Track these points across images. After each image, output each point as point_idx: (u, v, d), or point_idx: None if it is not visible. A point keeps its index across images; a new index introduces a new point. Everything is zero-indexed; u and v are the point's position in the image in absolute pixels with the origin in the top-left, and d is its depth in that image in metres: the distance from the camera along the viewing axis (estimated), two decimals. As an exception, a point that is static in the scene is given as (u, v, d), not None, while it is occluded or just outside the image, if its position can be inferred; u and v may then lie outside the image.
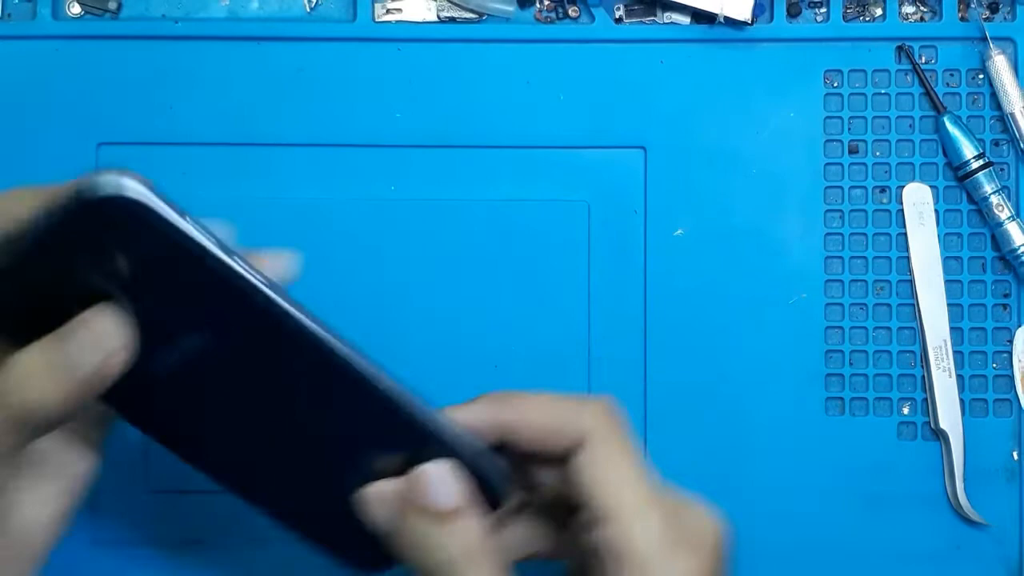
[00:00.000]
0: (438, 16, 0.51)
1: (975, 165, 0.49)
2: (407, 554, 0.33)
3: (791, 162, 0.50)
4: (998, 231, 0.49)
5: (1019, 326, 0.50)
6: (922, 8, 0.51)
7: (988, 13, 0.50)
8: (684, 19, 0.50)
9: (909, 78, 0.50)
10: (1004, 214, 0.49)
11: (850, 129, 0.50)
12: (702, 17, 0.50)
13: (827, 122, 0.50)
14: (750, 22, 0.49)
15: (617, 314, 0.50)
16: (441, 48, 0.50)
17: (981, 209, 0.49)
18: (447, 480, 0.33)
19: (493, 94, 0.50)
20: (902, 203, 0.50)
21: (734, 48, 0.50)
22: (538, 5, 0.51)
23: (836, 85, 0.50)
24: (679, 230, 0.50)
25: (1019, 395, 0.49)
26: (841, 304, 0.50)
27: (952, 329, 0.49)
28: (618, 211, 0.50)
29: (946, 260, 0.50)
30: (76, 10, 0.50)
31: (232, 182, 0.49)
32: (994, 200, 0.49)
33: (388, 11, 0.50)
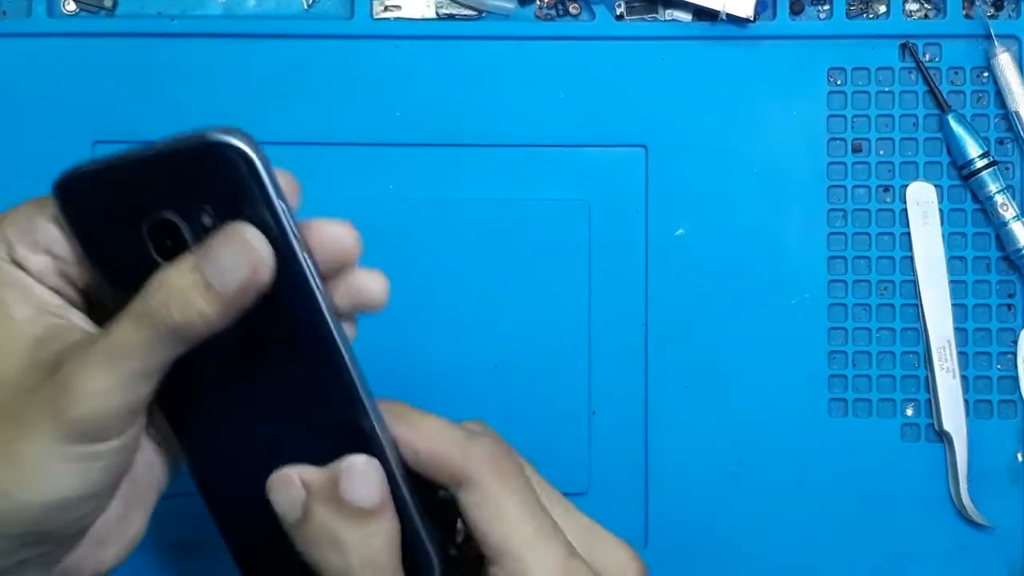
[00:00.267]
0: (437, 13, 0.50)
1: (979, 164, 0.49)
2: (309, 552, 0.30)
3: (794, 161, 0.50)
4: (1003, 231, 0.49)
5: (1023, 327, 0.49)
6: (926, 5, 0.50)
7: (992, 10, 0.50)
8: (686, 16, 0.50)
9: (913, 76, 0.50)
10: (1009, 213, 0.49)
11: (853, 127, 0.50)
12: (704, 14, 0.50)
13: (830, 120, 0.50)
14: (752, 19, 0.49)
15: (617, 314, 0.49)
16: (440, 45, 0.50)
17: (986, 208, 0.49)
18: (372, 476, 0.30)
19: (493, 92, 0.50)
20: (906, 202, 0.49)
21: (736, 46, 0.50)
22: (538, 2, 0.50)
23: (839, 83, 0.50)
24: (680, 230, 0.49)
25: (1023, 396, 0.49)
26: (844, 304, 0.49)
27: (956, 330, 0.49)
28: (618, 211, 0.49)
29: (950, 260, 0.49)
30: (71, 7, 0.50)
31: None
32: (999, 199, 0.49)
33: (386, 8, 0.50)
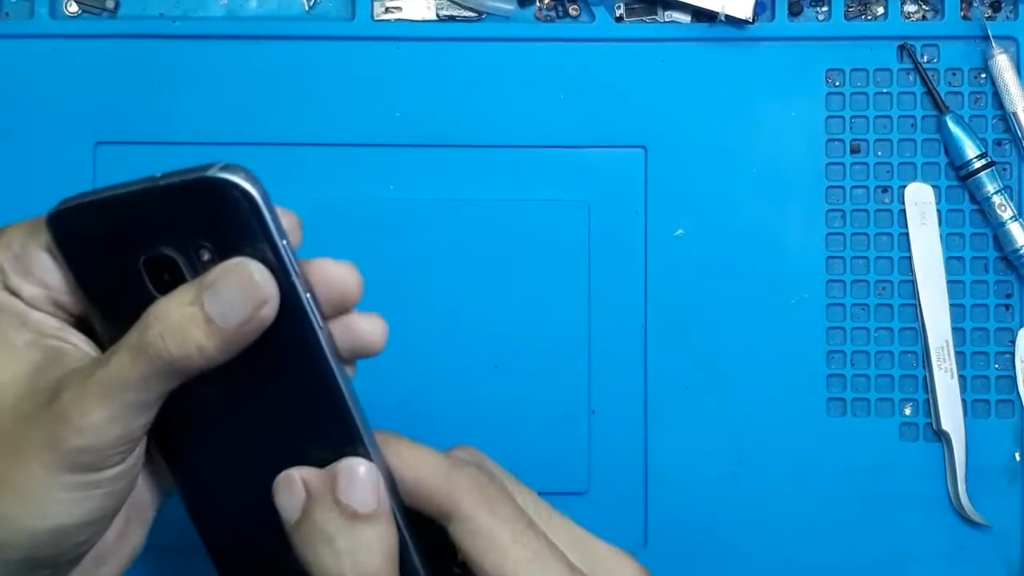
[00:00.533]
0: (437, 15, 0.50)
1: (977, 165, 0.49)
2: (306, 554, 0.30)
3: (792, 162, 0.50)
4: (1000, 231, 0.49)
5: (1021, 327, 0.49)
6: (924, 7, 0.51)
7: (990, 12, 0.50)
8: (685, 18, 0.50)
9: (911, 77, 0.50)
10: (1007, 214, 0.49)
11: (852, 128, 0.50)
12: (703, 16, 0.50)
13: (829, 121, 0.50)
14: (751, 21, 0.49)
15: (617, 314, 0.49)
16: (440, 47, 0.50)
17: (983, 209, 0.49)
18: (371, 479, 0.30)
19: (493, 93, 0.50)
20: (904, 203, 0.50)
21: (735, 47, 0.50)
22: (538, 4, 0.50)
23: (838, 84, 0.50)
24: (679, 230, 0.50)
25: (1021, 396, 0.49)
26: (843, 304, 0.49)
27: (954, 330, 0.49)
28: (618, 211, 0.50)
29: (948, 260, 0.49)
30: (74, 9, 0.50)
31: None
32: (996, 200, 0.49)
33: (387, 10, 0.50)
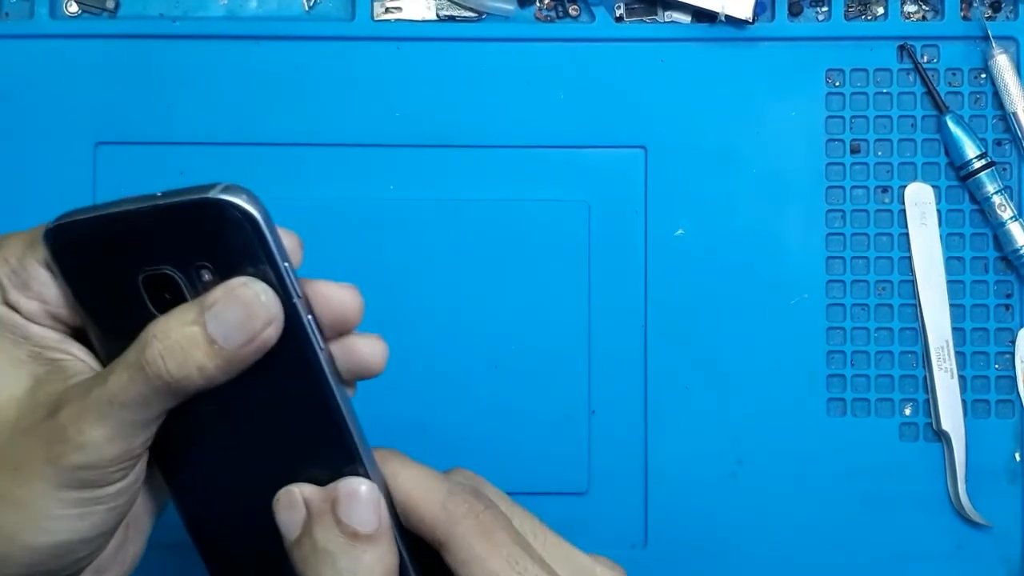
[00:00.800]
0: (437, 15, 0.50)
1: (977, 165, 0.49)
2: (306, 572, 0.30)
3: (792, 162, 0.50)
4: (1000, 231, 0.49)
5: (1021, 327, 0.49)
6: (924, 7, 0.51)
7: (990, 12, 0.50)
8: (685, 18, 0.50)
9: (911, 77, 0.50)
10: (1007, 214, 0.49)
11: (852, 128, 0.50)
12: (703, 16, 0.50)
13: (829, 121, 0.50)
14: (751, 21, 0.49)
15: (617, 314, 0.49)
16: (441, 47, 0.50)
17: (983, 209, 0.49)
18: (371, 500, 0.30)
19: (493, 93, 0.50)
20: (904, 203, 0.50)
21: (735, 47, 0.50)
22: (538, 4, 0.50)
23: (838, 84, 0.50)
24: (679, 230, 0.50)
25: (1021, 396, 0.49)
26: (843, 305, 0.49)
27: (954, 330, 0.49)
28: (618, 211, 0.50)
29: (948, 260, 0.49)
30: (74, 9, 0.50)
31: (230, 182, 0.49)
32: (996, 200, 0.49)
33: (387, 10, 0.50)
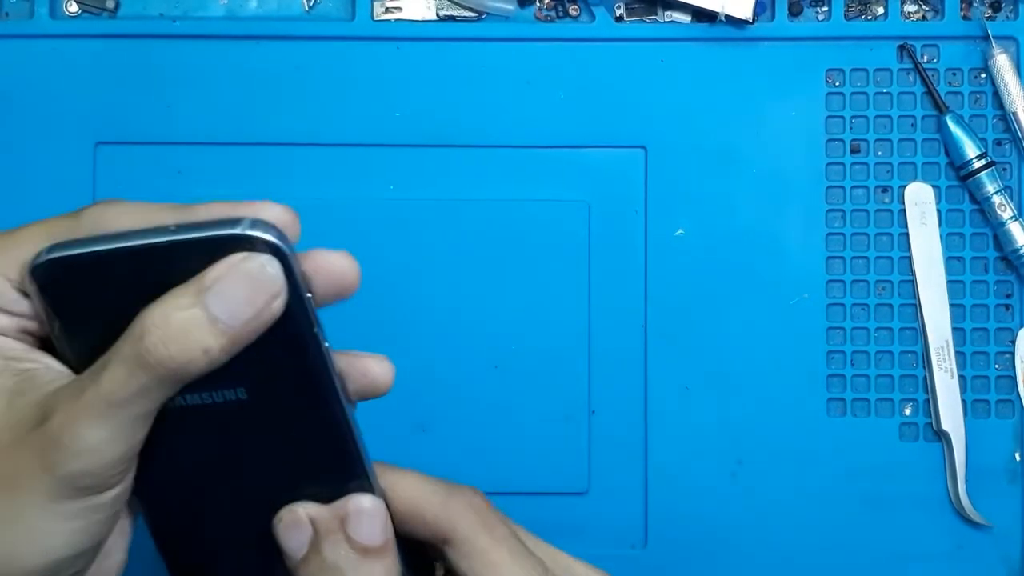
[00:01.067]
0: (437, 15, 0.50)
1: (977, 165, 0.49)
2: None
3: (792, 161, 0.50)
4: (1000, 231, 0.49)
5: (1021, 327, 0.49)
6: (924, 7, 0.51)
7: (990, 12, 0.50)
8: (685, 18, 0.50)
9: (911, 77, 0.50)
10: (1007, 214, 0.49)
11: (852, 128, 0.50)
12: (703, 15, 0.50)
13: (829, 121, 0.50)
14: (751, 21, 0.49)
15: (617, 314, 0.49)
16: (440, 47, 0.50)
17: (983, 209, 0.49)
18: (379, 515, 0.31)
19: (493, 93, 0.50)
20: (904, 203, 0.50)
21: (735, 47, 0.50)
22: (538, 4, 0.50)
23: (838, 84, 0.50)
24: (679, 230, 0.50)
25: (1021, 396, 0.49)
26: (843, 304, 0.49)
27: (954, 330, 0.49)
28: (618, 211, 0.50)
29: (948, 260, 0.49)
30: (74, 9, 0.50)
31: (230, 182, 0.49)
32: (996, 200, 0.49)
33: (387, 10, 0.50)
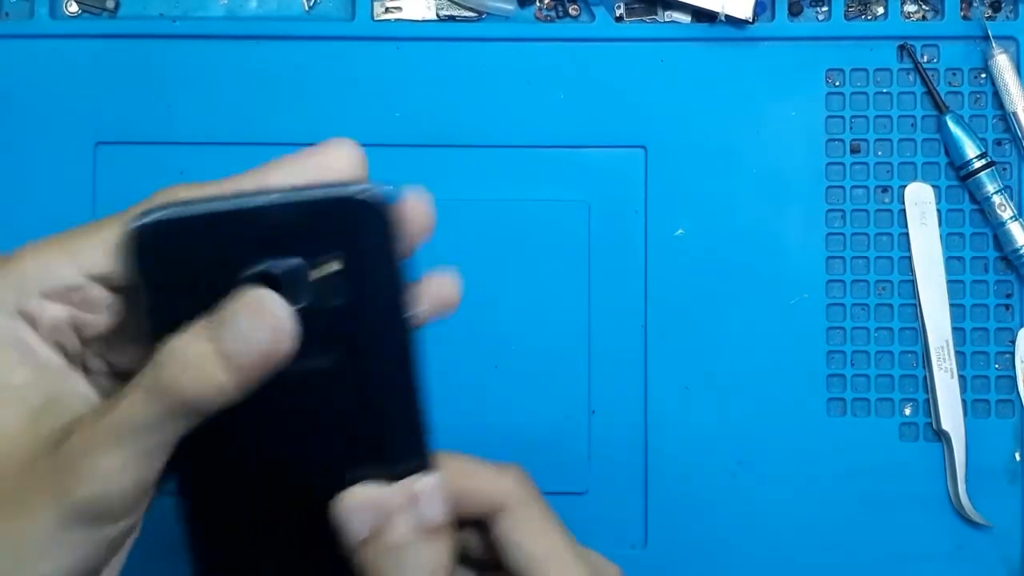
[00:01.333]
0: (437, 15, 0.50)
1: (977, 165, 0.49)
2: (376, 568, 0.31)
3: (792, 161, 0.50)
4: (1000, 231, 0.49)
5: (1021, 327, 0.49)
6: (924, 7, 0.51)
7: (990, 12, 0.50)
8: (685, 18, 0.50)
9: (911, 77, 0.50)
10: (1007, 214, 0.49)
11: (852, 128, 0.50)
12: (703, 15, 0.50)
13: (829, 121, 0.50)
14: (751, 21, 0.49)
15: (617, 314, 0.49)
16: (440, 47, 0.50)
17: (983, 209, 0.49)
18: (440, 494, 0.31)
19: (493, 93, 0.50)
20: (904, 203, 0.50)
21: (735, 47, 0.50)
22: (538, 4, 0.50)
23: (838, 84, 0.50)
24: (679, 230, 0.50)
25: (1021, 396, 0.49)
26: (843, 304, 0.49)
27: (954, 330, 0.49)
28: (618, 211, 0.50)
29: (948, 260, 0.49)
30: (74, 9, 0.50)
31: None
32: (996, 200, 0.49)
33: (387, 10, 0.50)
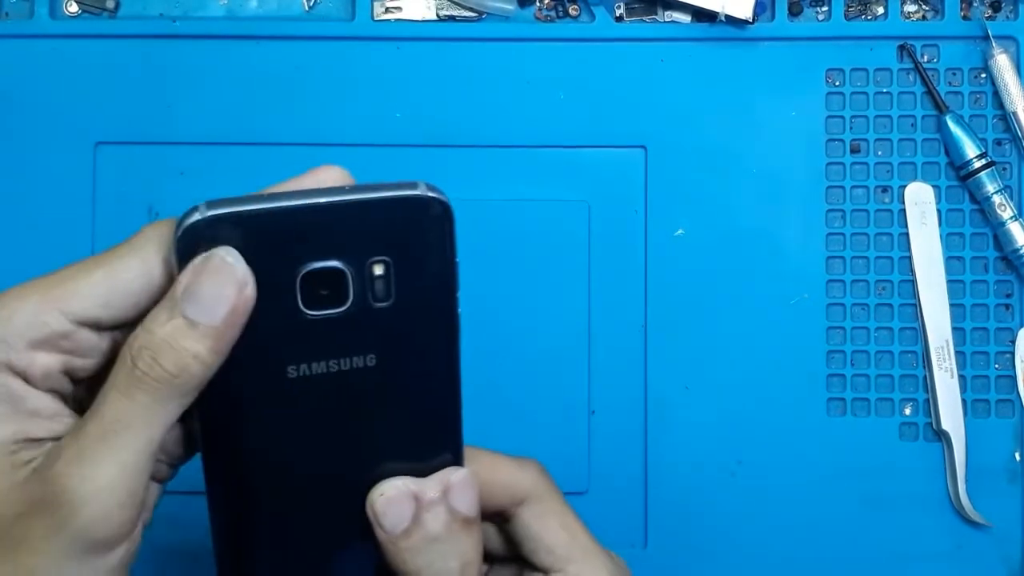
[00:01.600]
0: (437, 15, 0.50)
1: (977, 164, 0.49)
2: (412, 560, 0.32)
3: (792, 161, 0.50)
4: (1000, 231, 0.49)
5: (1021, 326, 0.49)
6: (924, 7, 0.51)
7: (990, 12, 0.50)
8: (685, 17, 0.50)
9: (911, 77, 0.50)
10: (1007, 214, 0.49)
11: (852, 128, 0.50)
12: (703, 15, 0.50)
13: (829, 121, 0.50)
14: (751, 20, 0.49)
15: (617, 314, 0.49)
16: (441, 47, 0.50)
17: (983, 209, 0.49)
18: (474, 487, 0.32)
19: (493, 93, 0.50)
20: (904, 203, 0.50)
21: (735, 47, 0.50)
22: (538, 4, 0.50)
23: (838, 84, 0.50)
24: (679, 230, 0.50)
25: (1021, 396, 0.49)
26: (843, 304, 0.49)
27: (954, 329, 0.49)
28: (618, 211, 0.50)
29: (948, 260, 0.49)
30: (74, 9, 0.50)
31: (230, 182, 0.49)
32: (996, 200, 0.49)
33: (387, 10, 0.50)
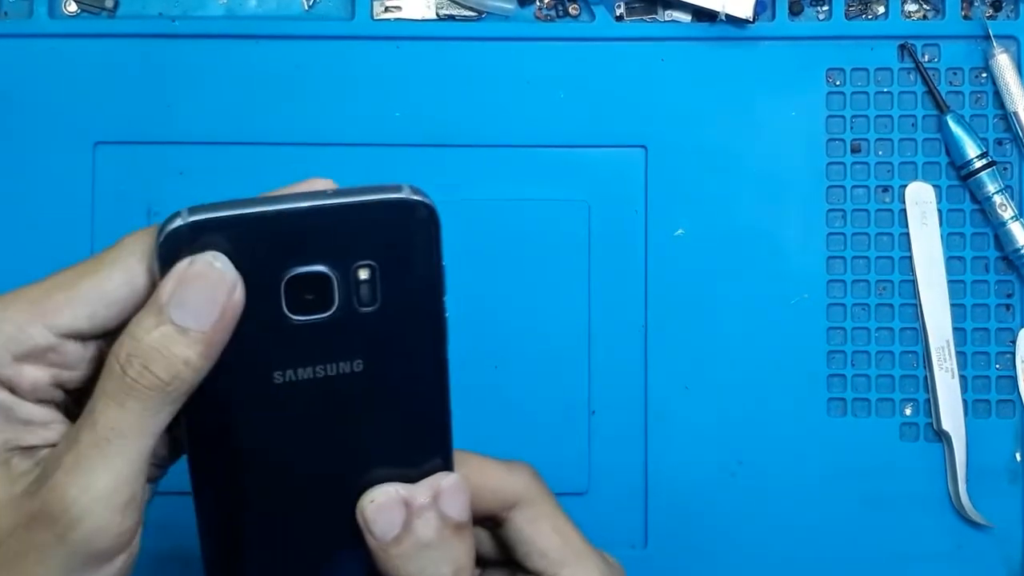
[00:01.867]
0: (437, 14, 0.50)
1: (978, 164, 0.49)
2: (404, 567, 0.31)
3: (793, 161, 0.50)
4: (1001, 231, 0.49)
5: (1022, 327, 0.49)
6: (925, 6, 0.51)
7: (991, 11, 0.50)
8: (685, 17, 0.50)
9: (912, 76, 0.50)
10: (1007, 213, 0.49)
11: (852, 128, 0.50)
12: (703, 15, 0.50)
13: (829, 121, 0.50)
14: (752, 20, 0.49)
15: (617, 314, 0.49)
16: (440, 46, 0.50)
17: (984, 209, 0.49)
18: (465, 491, 0.32)
19: (493, 93, 0.50)
20: (905, 202, 0.50)
21: (735, 46, 0.50)
22: (538, 3, 0.50)
23: (838, 83, 0.50)
24: (679, 230, 0.50)
25: (1022, 396, 0.49)
26: (843, 304, 0.49)
27: (955, 330, 0.49)
28: (618, 211, 0.50)
29: (949, 260, 0.49)
30: (73, 8, 0.50)
31: (230, 181, 0.49)
32: (997, 200, 0.49)
33: (387, 9, 0.50)
